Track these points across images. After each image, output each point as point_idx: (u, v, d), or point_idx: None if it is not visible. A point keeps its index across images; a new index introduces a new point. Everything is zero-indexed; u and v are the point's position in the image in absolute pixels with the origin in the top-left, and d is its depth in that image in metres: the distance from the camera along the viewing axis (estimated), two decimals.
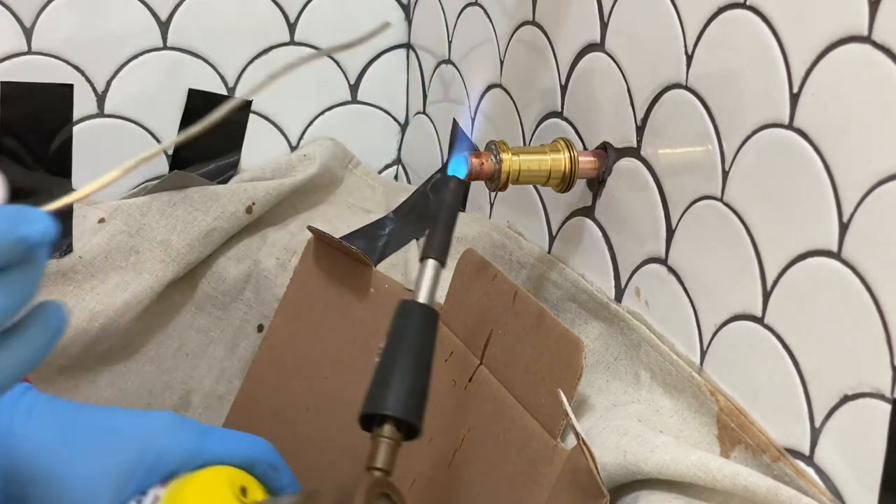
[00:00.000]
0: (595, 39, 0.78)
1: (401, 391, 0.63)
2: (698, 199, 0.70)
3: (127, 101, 1.01)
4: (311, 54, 1.00)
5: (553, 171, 0.77)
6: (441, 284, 0.90)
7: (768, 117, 0.64)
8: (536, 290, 0.84)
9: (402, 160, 1.11)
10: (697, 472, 0.63)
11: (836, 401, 0.60)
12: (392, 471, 0.62)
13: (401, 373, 0.63)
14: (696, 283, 0.71)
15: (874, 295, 0.57)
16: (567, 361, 0.71)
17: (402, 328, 0.65)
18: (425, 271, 0.66)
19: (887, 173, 0.56)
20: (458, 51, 0.99)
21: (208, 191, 1.01)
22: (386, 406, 0.63)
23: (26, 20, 0.97)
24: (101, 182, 0.60)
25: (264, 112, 1.06)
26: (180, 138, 0.70)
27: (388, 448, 0.62)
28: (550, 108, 0.84)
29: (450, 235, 0.68)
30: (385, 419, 0.63)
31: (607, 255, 0.79)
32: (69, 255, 0.98)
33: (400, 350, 0.64)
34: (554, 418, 0.72)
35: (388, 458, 0.62)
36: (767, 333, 0.65)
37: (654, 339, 0.74)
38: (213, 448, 0.73)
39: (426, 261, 0.67)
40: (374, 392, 0.64)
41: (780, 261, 0.64)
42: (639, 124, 0.75)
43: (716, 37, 0.67)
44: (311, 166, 1.04)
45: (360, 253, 0.88)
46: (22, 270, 0.51)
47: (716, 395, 0.68)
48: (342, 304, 0.90)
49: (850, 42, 0.58)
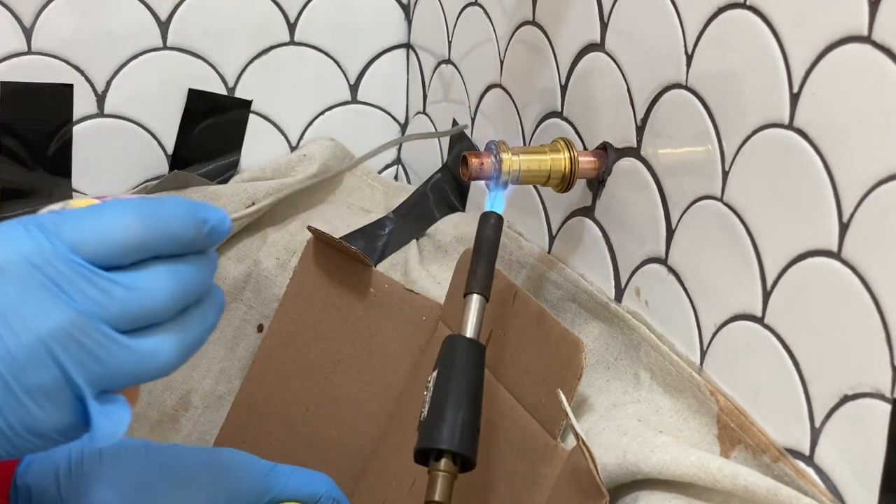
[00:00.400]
0: (595, 39, 0.78)
1: (455, 425, 0.66)
2: (698, 198, 0.70)
3: (127, 101, 1.01)
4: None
5: (553, 171, 0.77)
6: (441, 284, 0.90)
7: (768, 117, 0.64)
8: (536, 290, 0.84)
9: (402, 160, 1.11)
10: (697, 472, 0.63)
11: (836, 401, 0.60)
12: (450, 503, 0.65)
13: (454, 407, 0.66)
14: (696, 283, 0.71)
15: (874, 295, 0.57)
16: (567, 361, 0.71)
17: (451, 362, 0.68)
18: (470, 306, 0.69)
19: (887, 173, 0.56)
20: (458, 51, 0.99)
21: (208, 191, 1.01)
22: (442, 440, 0.65)
23: (26, 20, 0.97)
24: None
25: (264, 112, 1.06)
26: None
27: (445, 481, 0.65)
28: (550, 108, 0.84)
29: (492, 270, 0.71)
30: (441, 453, 0.65)
31: (607, 255, 0.79)
32: None
33: (451, 384, 0.67)
34: (554, 418, 0.72)
35: (445, 490, 0.65)
36: (767, 333, 0.65)
37: (654, 339, 0.74)
38: (279, 485, 0.75)
39: (470, 296, 0.70)
40: (429, 426, 0.66)
41: (780, 261, 0.64)
42: (639, 124, 0.75)
43: (716, 37, 0.67)
44: (311, 166, 1.04)
45: (360, 253, 0.88)
46: (204, 256, 0.56)
47: (716, 395, 0.68)
48: (342, 304, 0.90)
49: (850, 42, 0.58)
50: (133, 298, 0.53)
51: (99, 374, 0.53)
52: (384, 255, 0.99)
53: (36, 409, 0.53)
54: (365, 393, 0.88)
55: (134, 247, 0.53)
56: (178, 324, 0.55)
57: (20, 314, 0.52)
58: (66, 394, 0.53)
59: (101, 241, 0.53)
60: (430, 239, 0.97)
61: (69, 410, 0.54)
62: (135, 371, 0.54)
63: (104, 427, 0.54)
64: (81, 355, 0.52)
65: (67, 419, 0.54)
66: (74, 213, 0.53)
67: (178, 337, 0.55)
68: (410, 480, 0.81)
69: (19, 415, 0.53)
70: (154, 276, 0.54)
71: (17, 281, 0.52)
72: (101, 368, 0.53)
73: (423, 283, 0.91)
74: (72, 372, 0.53)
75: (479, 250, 0.71)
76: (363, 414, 0.88)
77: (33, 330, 0.52)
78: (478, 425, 0.67)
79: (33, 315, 0.52)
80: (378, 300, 0.88)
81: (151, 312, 0.54)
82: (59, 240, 0.52)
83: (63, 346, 0.52)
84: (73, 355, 0.52)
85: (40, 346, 0.52)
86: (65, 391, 0.53)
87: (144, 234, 0.53)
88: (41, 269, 0.52)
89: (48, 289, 0.52)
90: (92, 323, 0.52)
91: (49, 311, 0.52)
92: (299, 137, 1.07)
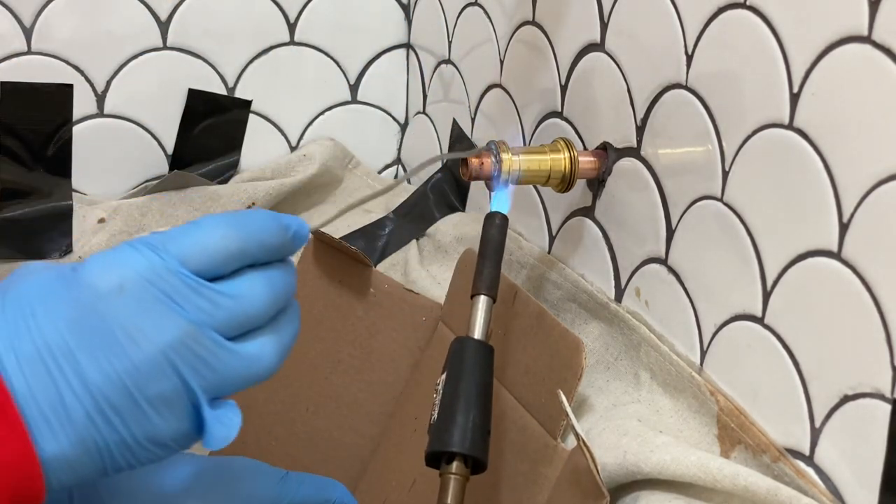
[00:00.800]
0: (595, 39, 0.78)
1: (466, 428, 0.66)
2: (698, 199, 0.70)
3: (127, 101, 1.01)
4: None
5: (553, 171, 0.77)
6: (441, 284, 0.90)
7: (768, 117, 0.63)
8: (536, 290, 0.84)
9: (402, 160, 1.11)
10: (697, 472, 0.63)
11: (837, 401, 0.60)
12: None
13: (464, 409, 0.66)
14: (696, 283, 0.71)
15: (874, 295, 0.57)
16: (567, 361, 0.71)
17: (459, 364, 0.68)
18: (477, 307, 0.69)
19: (887, 173, 0.56)
20: (458, 51, 0.99)
21: (208, 191, 1.01)
22: (453, 443, 0.65)
23: (26, 20, 0.97)
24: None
25: (264, 112, 1.06)
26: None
27: (457, 484, 0.65)
28: (550, 108, 0.84)
29: (498, 271, 0.71)
30: (453, 456, 0.65)
31: (607, 255, 0.79)
32: (69, 255, 0.98)
33: (461, 386, 0.67)
34: (554, 418, 0.72)
35: (457, 494, 0.65)
36: (767, 333, 0.65)
37: (654, 339, 0.74)
38: (292, 492, 0.75)
39: (478, 297, 0.70)
40: (440, 430, 0.66)
41: (780, 261, 0.64)
42: (639, 124, 0.75)
43: (716, 37, 0.67)
44: (311, 166, 1.04)
45: (360, 253, 0.88)
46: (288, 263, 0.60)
47: (716, 395, 0.68)
48: (342, 304, 0.90)
49: (850, 42, 0.58)
50: (236, 306, 0.57)
51: (212, 381, 0.56)
52: (384, 255, 0.99)
53: (157, 418, 0.56)
54: (365, 393, 0.88)
55: (232, 255, 0.57)
56: (273, 328, 0.59)
57: (141, 328, 0.55)
58: (183, 402, 0.56)
59: (205, 253, 0.56)
60: (430, 239, 0.97)
61: (186, 418, 0.57)
62: (243, 375, 0.57)
63: (218, 432, 0.57)
64: (196, 363, 0.56)
65: (184, 427, 0.57)
66: (177, 231, 0.57)
67: (275, 340, 0.59)
68: (410, 480, 0.81)
69: (142, 425, 0.56)
70: (251, 283, 0.57)
71: (135, 297, 0.55)
72: (214, 375, 0.56)
73: (423, 283, 0.91)
74: (189, 380, 0.56)
75: (485, 251, 0.71)
76: (363, 414, 0.88)
77: (154, 342, 0.55)
78: (488, 427, 0.67)
79: (153, 328, 0.55)
80: (378, 300, 0.88)
81: (253, 318, 0.57)
82: (169, 255, 0.56)
83: (180, 356, 0.55)
84: (189, 364, 0.56)
85: (161, 357, 0.55)
86: (182, 399, 0.56)
87: (240, 242, 0.57)
88: (155, 283, 0.55)
89: (163, 302, 0.55)
90: (203, 332, 0.56)
91: (166, 323, 0.55)
92: (299, 137, 1.07)
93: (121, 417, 0.55)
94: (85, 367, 0.55)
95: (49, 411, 0.54)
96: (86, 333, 0.55)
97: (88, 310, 0.55)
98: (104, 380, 0.55)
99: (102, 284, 0.55)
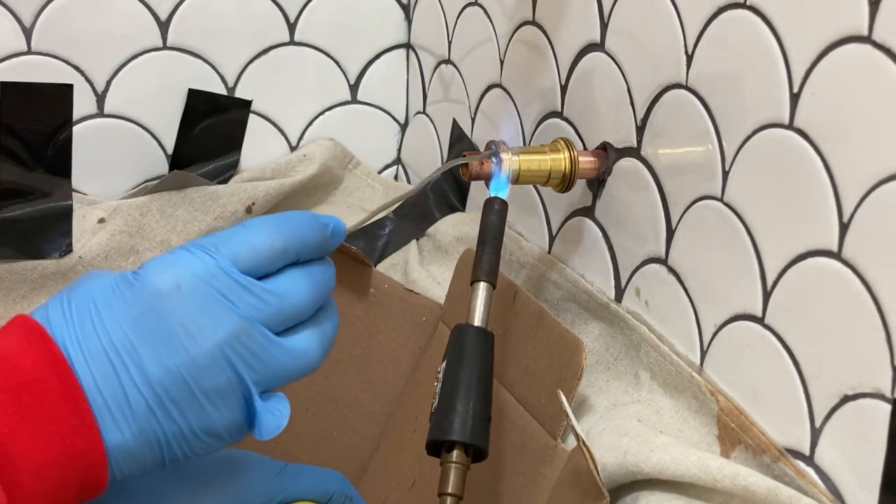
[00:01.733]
0: (595, 39, 0.78)
1: (466, 416, 0.66)
2: (698, 199, 0.70)
3: (127, 101, 1.01)
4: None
5: (553, 171, 0.77)
6: (441, 284, 0.90)
7: (768, 117, 0.63)
8: (536, 290, 0.84)
9: (402, 160, 1.11)
10: (697, 473, 0.63)
11: (837, 401, 0.60)
12: (463, 495, 0.65)
13: (464, 397, 0.66)
14: (696, 283, 0.71)
15: (874, 295, 0.57)
16: (567, 361, 0.71)
17: (459, 351, 0.68)
18: (477, 294, 0.69)
19: (887, 173, 0.56)
20: (458, 51, 0.99)
21: (208, 191, 1.01)
22: (453, 432, 0.65)
23: (26, 20, 0.97)
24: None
25: (264, 112, 1.06)
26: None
27: (458, 473, 0.65)
28: (550, 108, 0.84)
29: (497, 257, 0.70)
30: (453, 445, 0.65)
31: (607, 255, 0.79)
32: (69, 255, 0.98)
33: (461, 374, 0.67)
34: (554, 419, 0.72)
35: (458, 482, 0.65)
36: (767, 333, 0.65)
37: (654, 339, 0.74)
38: (291, 484, 0.75)
39: (477, 283, 0.69)
40: (440, 418, 0.66)
41: (780, 261, 0.64)
42: (639, 124, 0.75)
43: (716, 37, 0.67)
44: (311, 166, 1.04)
45: (360, 253, 0.88)
46: (327, 261, 0.63)
47: (716, 396, 0.68)
48: (342, 304, 0.89)
49: (850, 42, 0.58)
50: (282, 302, 0.60)
51: (262, 374, 0.60)
52: (384, 255, 0.99)
53: (213, 409, 0.59)
54: (365, 393, 0.88)
55: (278, 254, 0.60)
56: (315, 322, 0.62)
57: (199, 324, 0.59)
58: (237, 394, 0.60)
59: (253, 253, 0.60)
60: (430, 239, 0.97)
61: (239, 410, 0.60)
62: (291, 368, 0.61)
63: (269, 422, 0.60)
64: (249, 357, 0.59)
65: (237, 418, 0.60)
66: (226, 233, 0.61)
67: (319, 334, 0.62)
68: (410, 480, 0.81)
69: (199, 417, 0.59)
70: (295, 279, 0.61)
71: (192, 295, 0.59)
72: (265, 368, 0.60)
73: (423, 283, 0.91)
74: (243, 373, 0.59)
75: (484, 237, 0.71)
76: (363, 414, 0.88)
77: (211, 337, 0.59)
78: (489, 414, 0.67)
79: (209, 324, 0.59)
80: (378, 300, 0.88)
81: (298, 313, 0.61)
82: (221, 256, 0.60)
83: (234, 350, 0.59)
84: (242, 357, 0.59)
85: (217, 352, 0.59)
86: (236, 392, 0.59)
87: (285, 241, 0.60)
88: (210, 282, 0.59)
89: (218, 300, 0.59)
90: (255, 327, 0.59)
91: (221, 320, 0.59)
92: (299, 137, 1.07)
93: (179, 409, 0.59)
94: (146, 361, 0.58)
95: (112, 404, 0.58)
96: (146, 330, 0.58)
97: (149, 308, 0.59)
98: (164, 373, 0.58)
99: (162, 285, 0.59)
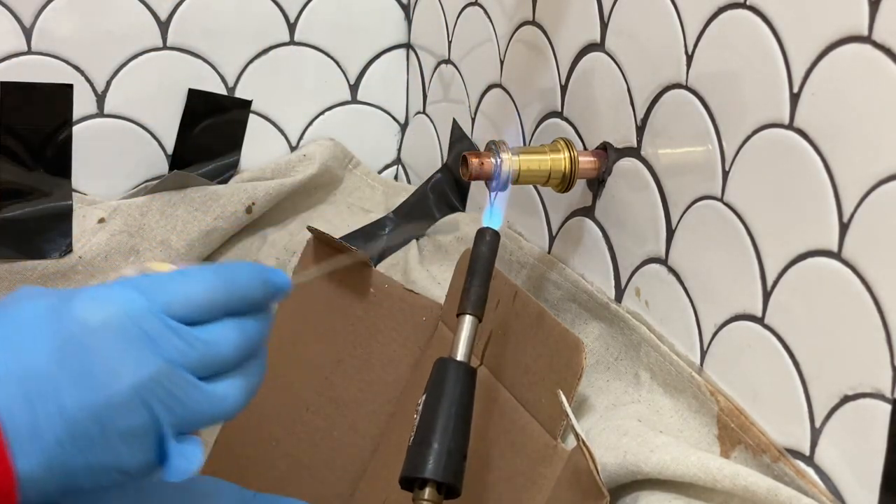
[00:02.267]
0: (595, 39, 0.78)
1: (441, 453, 0.65)
2: (698, 199, 0.70)
3: (127, 101, 1.01)
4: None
5: (553, 171, 0.77)
6: (441, 284, 0.90)
7: (768, 117, 0.63)
8: (536, 290, 0.84)
9: (402, 160, 1.11)
10: (697, 473, 0.63)
11: (837, 401, 0.60)
12: None
13: (441, 434, 0.66)
14: (696, 283, 0.71)
15: (874, 295, 0.57)
16: (567, 361, 0.71)
17: (440, 386, 0.67)
18: (462, 328, 0.69)
19: (887, 173, 0.56)
20: (458, 51, 0.99)
21: (208, 191, 1.01)
22: (426, 469, 0.65)
23: (26, 20, 0.97)
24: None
25: (264, 112, 1.06)
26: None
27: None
28: (550, 108, 0.84)
29: (486, 290, 0.70)
30: (426, 482, 0.65)
31: (607, 255, 0.79)
32: (69, 255, 0.98)
33: (440, 410, 0.66)
34: (554, 418, 0.72)
35: None
36: (767, 333, 0.65)
37: (654, 339, 0.74)
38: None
39: (463, 316, 0.69)
40: (414, 454, 0.66)
41: (780, 261, 0.64)
42: (639, 124, 0.75)
43: (716, 37, 0.67)
44: (311, 166, 1.04)
45: (360, 253, 0.88)
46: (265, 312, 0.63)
47: (716, 396, 0.68)
48: (342, 304, 0.90)
49: (850, 42, 0.58)
50: (209, 349, 0.60)
51: (181, 416, 0.59)
52: (384, 255, 0.99)
53: (125, 449, 0.58)
54: (365, 393, 0.88)
55: (214, 306, 0.60)
56: (242, 371, 0.62)
57: (121, 363, 0.58)
58: (150, 436, 0.59)
59: (189, 303, 0.59)
60: (430, 239, 0.97)
61: (152, 450, 0.59)
62: (210, 413, 0.60)
63: (180, 465, 0.59)
64: (168, 399, 0.58)
65: (149, 458, 0.59)
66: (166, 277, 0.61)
67: (243, 382, 0.62)
68: None
69: (109, 455, 0.58)
70: (225, 330, 0.60)
71: (119, 333, 0.58)
72: (184, 410, 0.59)
73: (423, 283, 0.91)
74: (160, 415, 0.58)
75: (474, 268, 0.70)
76: (363, 414, 0.88)
77: (132, 377, 0.58)
78: (464, 452, 0.66)
79: (132, 364, 0.58)
80: (378, 300, 0.88)
81: (225, 361, 0.60)
82: (156, 299, 0.59)
83: (153, 392, 0.58)
84: (161, 400, 0.58)
85: (136, 393, 0.58)
86: (150, 433, 0.59)
87: (224, 296, 0.60)
88: (139, 323, 0.58)
89: (144, 340, 0.58)
90: (177, 371, 0.59)
91: (144, 361, 0.58)
92: (299, 137, 1.07)
93: (91, 445, 0.58)
94: (63, 394, 0.57)
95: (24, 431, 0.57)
96: (68, 363, 0.57)
97: (73, 341, 0.58)
98: (79, 408, 0.57)
99: (90, 319, 0.58)
